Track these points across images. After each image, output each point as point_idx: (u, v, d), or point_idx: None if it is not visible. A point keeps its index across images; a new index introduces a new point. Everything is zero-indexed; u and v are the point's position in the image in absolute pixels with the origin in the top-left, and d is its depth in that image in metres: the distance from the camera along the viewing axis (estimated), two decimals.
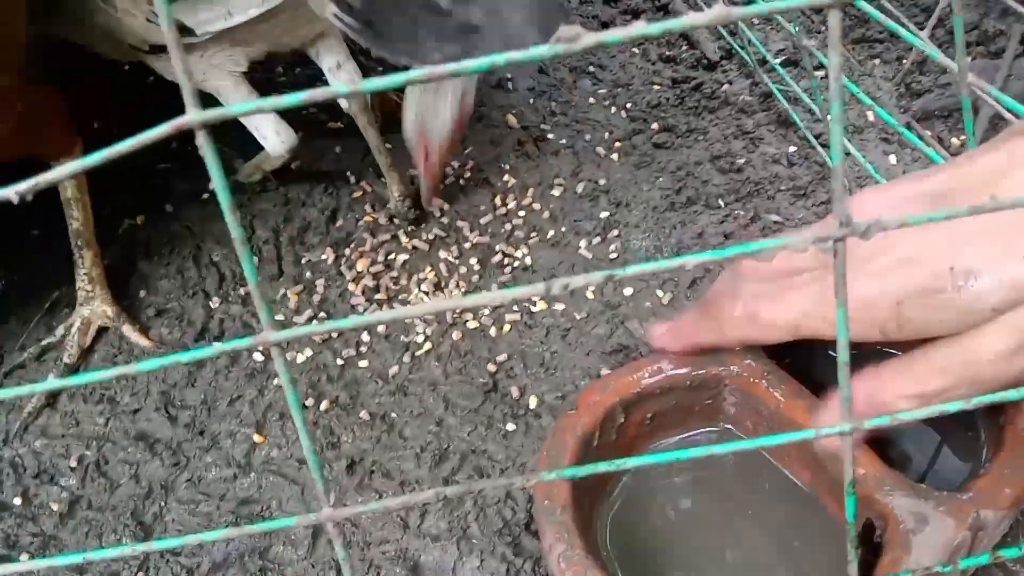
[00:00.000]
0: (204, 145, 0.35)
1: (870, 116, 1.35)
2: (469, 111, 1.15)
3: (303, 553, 0.90)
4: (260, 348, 0.35)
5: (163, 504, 0.96)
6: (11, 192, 0.34)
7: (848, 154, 1.27)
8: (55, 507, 0.99)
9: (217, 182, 0.35)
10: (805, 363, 0.78)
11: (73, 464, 1.01)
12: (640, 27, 0.33)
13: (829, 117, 0.33)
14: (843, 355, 0.38)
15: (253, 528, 0.43)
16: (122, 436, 1.03)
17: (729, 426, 0.80)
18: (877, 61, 1.48)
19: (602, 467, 0.42)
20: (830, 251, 0.41)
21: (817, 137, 1.35)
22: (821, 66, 1.49)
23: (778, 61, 1.47)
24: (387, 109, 1.40)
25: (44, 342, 1.13)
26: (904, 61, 1.47)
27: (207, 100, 0.82)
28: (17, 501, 1.00)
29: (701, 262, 0.36)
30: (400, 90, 1.35)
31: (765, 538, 0.74)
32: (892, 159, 1.29)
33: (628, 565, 0.73)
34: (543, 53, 0.32)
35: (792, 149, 1.33)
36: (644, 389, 0.77)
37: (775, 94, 1.41)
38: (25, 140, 1.00)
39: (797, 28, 1.24)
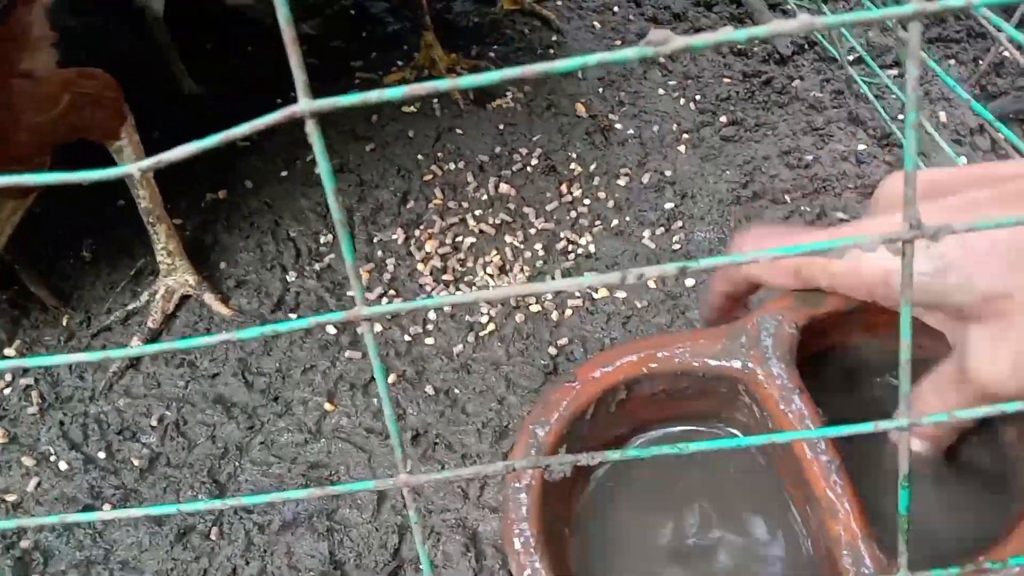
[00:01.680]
0: (313, 133, 0.39)
1: (942, 116, 1.34)
2: None
3: (368, 516, 0.94)
4: (353, 322, 0.38)
5: (237, 464, 1.02)
6: (82, 177, 0.38)
7: (922, 154, 1.27)
8: (136, 462, 1.05)
9: (324, 169, 0.39)
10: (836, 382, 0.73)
11: (154, 423, 1.07)
12: (726, 32, 0.35)
13: (904, 121, 0.35)
14: (905, 353, 0.40)
15: (333, 489, 0.46)
16: (200, 399, 1.08)
17: (733, 429, 0.73)
18: (953, 61, 1.46)
19: (584, 459, 0.43)
20: (898, 253, 0.43)
21: (888, 136, 1.34)
22: (896, 64, 1.48)
23: (851, 58, 1.46)
24: None
25: (129, 307, 1.19)
26: (981, 62, 1.45)
27: None
28: (102, 455, 1.06)
29: (772, 258, 0.38)
30: None
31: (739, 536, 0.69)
32: (963, 160, 1.28)
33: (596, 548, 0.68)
34: (632, 56, 0.35)
35: (862, 147, 1.33)
36: (652, 372, 0.67)
37: (859, 83, 1.40)
38: (74, 124, 1.03)
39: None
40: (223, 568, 0.93)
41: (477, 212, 1.29)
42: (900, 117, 1.34)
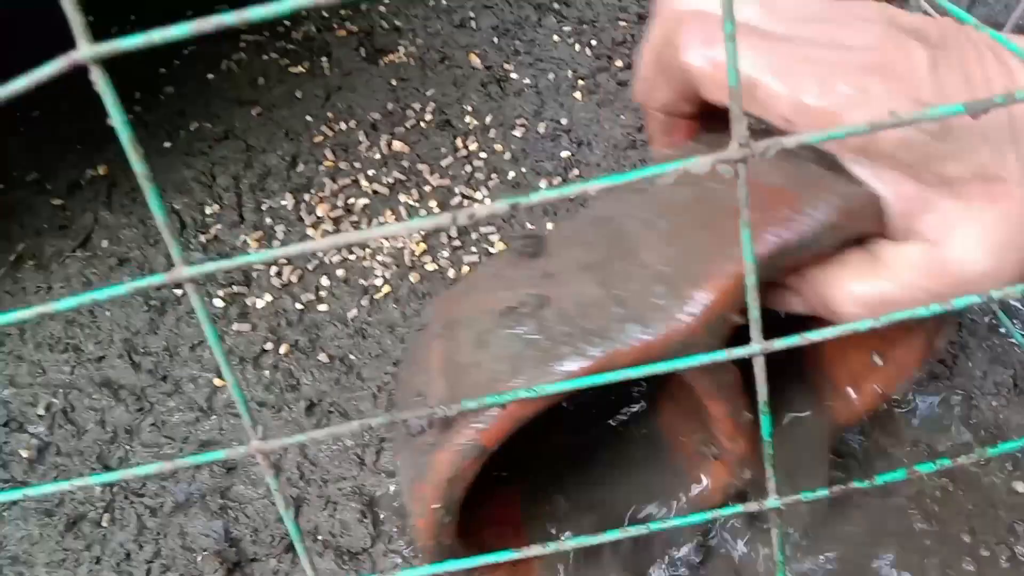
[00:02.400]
0: (100, 81, 0.36)
1: None
2: None
3: (263, 491, 0.93)
4: (174, 283, 0.37)
5: (128, 448, 0.99)
6: None
7: None
8: (24, 454, 1.01)
9: (117, 120, 0.36)
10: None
11: (41, 412, 1.04)
12: None
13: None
14: (751, 278, 0.39)
15: (182, 462, 0.44)
16: (87, 383, 1.05)
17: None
18: None
19: (440, 411, 0.44)
20: (731, 173, 0.42)
21: None
22: None
23: None
24: None
25: None
26: None
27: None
28: None
29: (611, 185, 0.37)
30: None
31: None
32: None
33: None
34: None
35: None
36: None
37: None
38: None
39: None
40: (116, 554, 0.90)
41: (370, 172, 1.26)
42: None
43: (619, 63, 1.41)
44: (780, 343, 0.40)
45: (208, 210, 1.20)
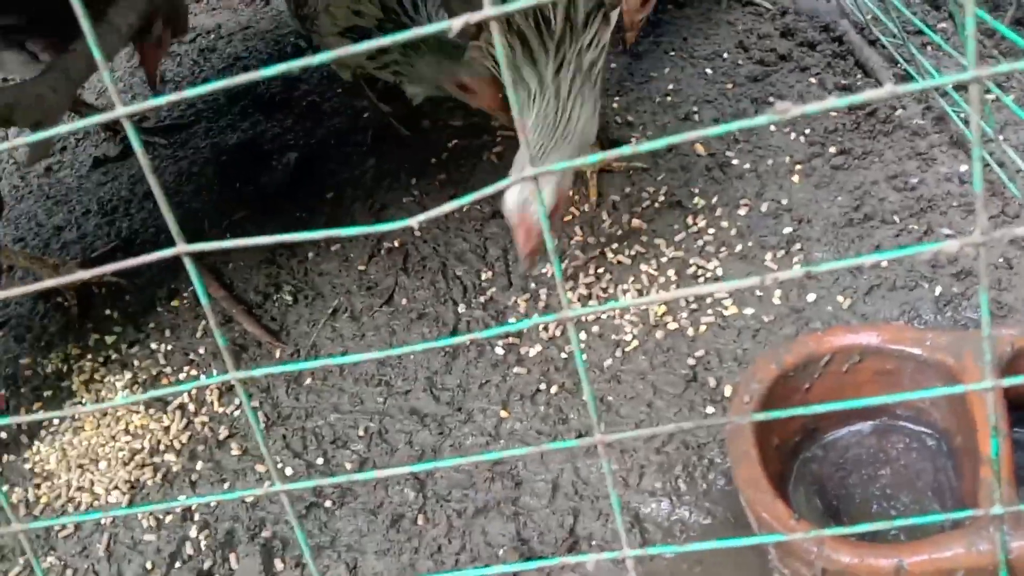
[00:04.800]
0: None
1: None
2: (566, 197, 1.24)
3: (545, 502, 1.13)
4: (560, 323, 0.58)
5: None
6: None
7: (1020, 171, 1.38)
8: (348, 466, 1.27)
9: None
10: None
11: (361, 433, 1.30)
12: (832, 102, 0.53)
13: (973, 147, 0.51)
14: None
15: (546, 446, 0.65)
16: (397, 411, 1.30)
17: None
18: None
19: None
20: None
21: (990, 156, 1.46)
22: (987, 90, 1.59)
23: (950, 86, 1.59)
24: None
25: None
26: None
27: None
28: (320, 461, 1.29)
29: (876, 261, 0.56)
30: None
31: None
32: None
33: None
34: (763, 121, 0.53)
35: (964, 168, 1.46)
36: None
37: (950, 116, 1.53)
38: None
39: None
40: (430, 546, 1.13)
41: (614, 246, 1.47)
42: (1001, 137, 1.46)
43: (832, 149, 1.57)
44: None
45: (483, 276, 1.46)
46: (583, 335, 1.34)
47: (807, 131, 1.63)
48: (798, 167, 1.55)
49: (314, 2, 1.50)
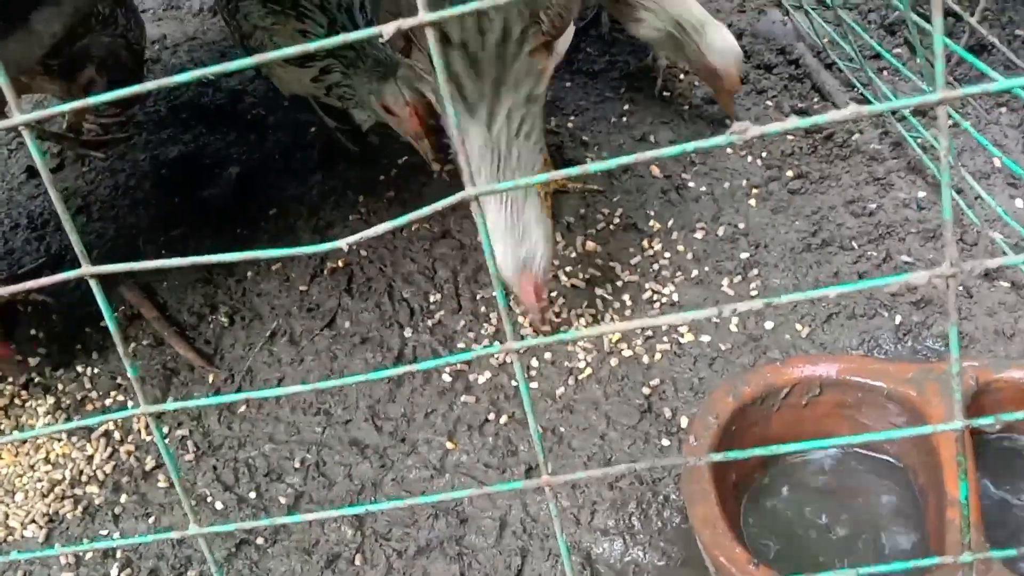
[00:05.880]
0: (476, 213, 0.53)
1: (996, 162, 1.44)
2: (553, 241, 1.20)
3: (492, 542, 1.07)
4: (505, 354, 0.52)
5: (373, 499, 1.15)
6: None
7: (978, 198, 1.37)
8: (283, 500, 1.20)
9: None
10: None
11: (297, 465, 1.22)
12: (792, 122, 0.48)
13: (942, 171, 0.47)
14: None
15: (487, 488, 0.59)
16: (336, 442, 1.23)
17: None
18: (1004, 109, 1.56)
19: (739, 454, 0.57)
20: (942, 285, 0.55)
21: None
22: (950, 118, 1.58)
23: (909, 111, 1.57)
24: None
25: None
26: None
27: None
28: (252, 495, 1.21)
29: (841, 293, 0.51)
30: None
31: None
32: (1019, 203, 1.37)
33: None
34: (722, 141, 0.48)
35: (922, 194, 1.44)
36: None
37: (907, 141, 1.51)
38: None
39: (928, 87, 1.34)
40: None
41: (568, 268, 1.42)
42: (960, 164, 1.44)
43: (789, 172, 1.54)
44: None
45: (431, 298, 1.40)
46: (534, 362, 1.28)
47: (764, 154, 1.60)
48: (755, 191, 1.52)
49: (260, 35, 1.42)
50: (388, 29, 0.43)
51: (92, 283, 0.51)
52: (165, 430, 1.31)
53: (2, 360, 1.36)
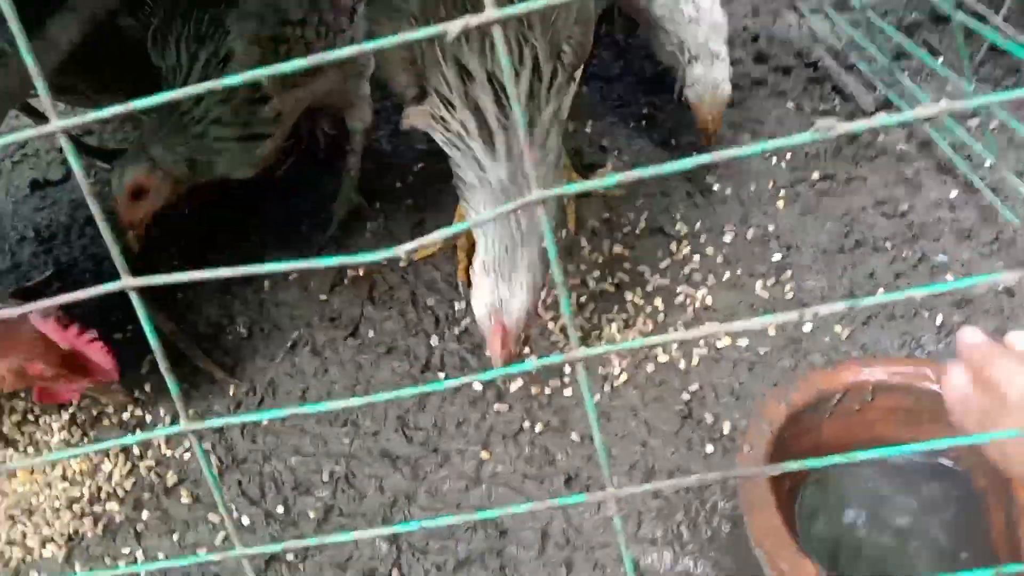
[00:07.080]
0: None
1: None
2: (539, 292, 1.10)
3: (534, 554, 1.03)
4: (570, 362, 0.49)
5: (407, 512, 1.12)
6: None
7: (1009, 196, 1.34)
8: (312, 515, 1.15)
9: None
10: None
11: (325, 478, 1.18)
12: (880, 118, 0.45)
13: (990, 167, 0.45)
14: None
15: (551, 502, 0.56)
16: (366, 454, 1.19)
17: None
18: None
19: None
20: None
21: (982, 181, 1.42)
22: (975, 114, 1.56)
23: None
24: None
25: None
26: None
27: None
28: (279, 509, 1.17)
29: (927, 294, 0.48)
30: None
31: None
32: None
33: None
34: (804, 139, 0.45)
35: (953, 194, 1.41)
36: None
37: (936, 141, 1.49)
38: None
39: (971, 83, 1.32)
40: None
41: (596, 273, 1.39)
42: (986, 164, 1.42)
43: (815, 174, 1.52)
44: None
45: (457, 306, 1.36)
46: (566, 368, 1.25)
47: (788, 156, 1.58)
48: (782, 193, 1.50)
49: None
50: (455, 27, 0.39)
51: (132, 296, 0.48)
52: (186, 444, 1.27)
53: (106, 387, 1.28)
